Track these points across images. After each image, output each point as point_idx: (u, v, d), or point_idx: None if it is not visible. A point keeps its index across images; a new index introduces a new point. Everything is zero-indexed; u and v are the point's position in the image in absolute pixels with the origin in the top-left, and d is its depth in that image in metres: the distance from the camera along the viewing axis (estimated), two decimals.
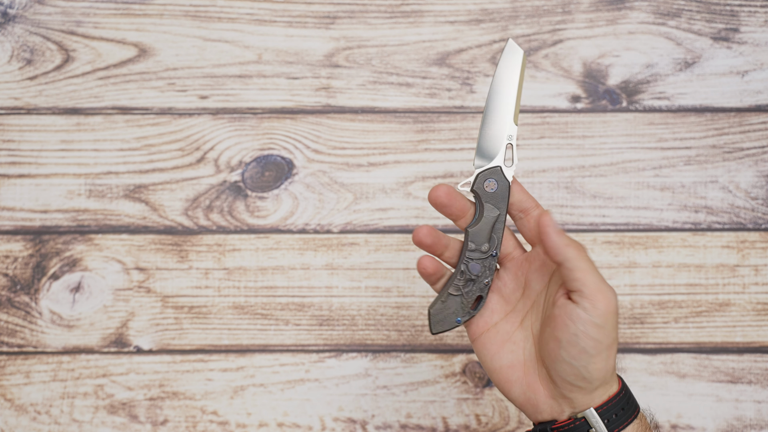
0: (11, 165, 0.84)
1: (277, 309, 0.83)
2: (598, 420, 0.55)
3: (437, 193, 0.59)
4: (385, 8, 0.84)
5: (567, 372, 0.55)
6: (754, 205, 0.83)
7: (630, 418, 0.56)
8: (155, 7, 0.84)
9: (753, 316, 0.83)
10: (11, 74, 0.84)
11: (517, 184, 0.60)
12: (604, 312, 0.54)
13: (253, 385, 0.83)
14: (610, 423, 0.56)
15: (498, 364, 0.59)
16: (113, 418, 0.82)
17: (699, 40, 0.84)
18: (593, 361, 0.54)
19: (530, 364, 0.59)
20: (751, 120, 0.83)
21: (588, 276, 0.54)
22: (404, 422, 0.82)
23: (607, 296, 0.54)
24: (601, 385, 0.56)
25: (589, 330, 0.54)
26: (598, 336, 0.54)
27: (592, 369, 0.54)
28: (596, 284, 0.54)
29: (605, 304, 0.54)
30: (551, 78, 0.83)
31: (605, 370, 0.55)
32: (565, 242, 0.55)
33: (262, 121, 0.84)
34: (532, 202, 0.60)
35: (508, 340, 0.59)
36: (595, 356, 0.54)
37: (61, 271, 0.83)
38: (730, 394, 0.82)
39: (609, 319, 0.54)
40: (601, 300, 0.54)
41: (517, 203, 0.60)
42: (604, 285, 0.55)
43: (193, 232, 0.84)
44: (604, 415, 0.56)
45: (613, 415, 0.56)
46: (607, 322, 0.54)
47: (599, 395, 0.56)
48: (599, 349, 0.54)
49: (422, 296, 0.83)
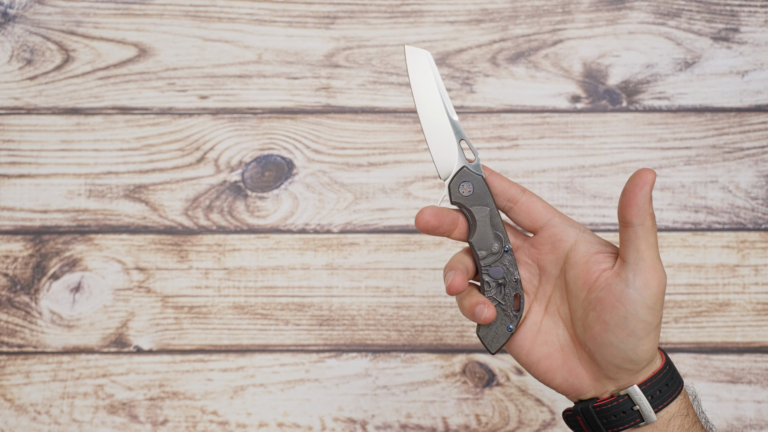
0: (11, 165, 0.84)
1: (277, 309, 0.83)
2: (641, 397, 0.54)
3: (424, 218, 0.56)
4: (385, 8, 0.84)
5: (614, 355, 0.54)
6: (754, 205, 0.83)
7: (674, 393, 0.55)
8: (155, 7, 0.84)
9: (753, 316, 0.83)
10: (11, 74, 0.84)
11: (495, 174, 0.58)
12: (656, 292, 0.52)
13: (253, 385, 0.83)
14: (654, 399, 0.54)
15: (535, 357, 0.57)
16: (113, 418, 0.82)
17: (699, 40, 0.84)
18: (642, 343, 0.53)
19: (568, 350, 0.57)
20: (751, 120, 0.83)
21: (650, 251, 0.52)
22: (404, 422, 0.82)
23: (660, 276, 0.52)
24: (647, 365, 0.55)
25: (639, 311, 0.52)
26: (648, 317, 0.52)
27: (640, 351, 0.53)
28: (653, 261, 0.52)
29: (658, 284, 0.52)
30: (551, 78, 0.83)
31: (652, 351, 0.54)
32: (648, 210, 0.53)
33: (262, 121, 0.84)
34: (516, 188, 0.58)
35: (538, 331, 0.58)
36: (644, 338, 0.53)
37: (61, 271, 0.83)
38: (730, 394, 0.82)
39: (659, 299, 0.52)
40: (654, 279, 0.52)
41: (501, 193, 0.58)
42: (659, 264, 0.53)
43: (193, 232, 0.84)
44: (647, 391, 0.54)
45: (657, 391, 0.54)
46: (657, 303, 0.52)
47: (643, 372, 0.55)
48: (648, 331, 0.53)
49: (422, 296, 0.83)
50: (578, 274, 0.56)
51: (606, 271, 0.55)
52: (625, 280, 0.53)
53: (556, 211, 0.57)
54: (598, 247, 0.56)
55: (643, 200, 0.52)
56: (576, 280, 0.56)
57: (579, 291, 0.56)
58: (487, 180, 0.58)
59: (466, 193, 0.57)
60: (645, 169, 0.53)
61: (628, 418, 0.55)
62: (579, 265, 0.56)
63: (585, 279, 0.55)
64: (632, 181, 0.53)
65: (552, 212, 0.57)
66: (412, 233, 0.83)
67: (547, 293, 0.58)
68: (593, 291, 0.55)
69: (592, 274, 0.55)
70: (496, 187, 0.58)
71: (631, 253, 0.53)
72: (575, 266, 0.56)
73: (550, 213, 0.57)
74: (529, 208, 0.57)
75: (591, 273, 0.55)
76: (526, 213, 0.57)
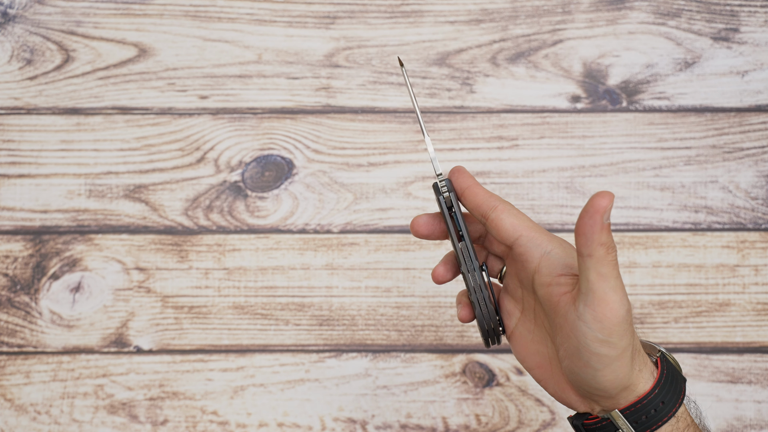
0: (11, 165, 0.84)
1: (277, 309, 0.83)
2: (624, 422, 0.52)
3: (416, 228, 0.56)
4: (385, 8, 0.84)
5: (578, 381, 0.52)
6: (754, 205, 0.83)
7: (664, 419, 0.52)
8: (155, 7, 0.84)
9: (753, 316, 0.83)
10: (11, 74, 0.84)
11: (472, 187, 0.56)
12: (608, 326, 0.49)
13: (253, 385, 0.83)
14: (640, 425, 0.52)
15: (529, 364, 0.57)
16: (113, 418, 0.82)
17: (699, 40, 0.84)
18: (600, 375, 0.50)
19: (555, 363, 0.56)
20: (751, 120, 0.83)
21: (601, 283, 0.49)
22: (404, 422, 0.82)
23: (613, 308, 0.49)
24: (622, 391, 0.52)
25: (591, 345, 0.50)
26: (601, 350, 0.50)
27: (601, 381, 0.51)
28: (604, 294, 0.49)
29: (611, 317, 0.49)
30: (551, 78, 0.83)
31: (618, 380, 0.51)
32: (599, 240, 0.49)
33: (262, 121, 0.84)
34: (491, 202, 0.55)
35: (532, 339, 0.57)
36: (602, 369, 0.50)
37: (61, 271, 0.83)
38: (730, 394, 0.82)
39: (614, 332, 0.49)
40: (605, 312, 0.49)
41: (475, 209, 0.55)
42: (614, 295, 0.49)
43: (193, 232, 0.84)
44: (630, 416, 0.52)
45: (643, 416, 0.52)
46: (612, 335, 0.49)
47: (624, 399, 0.52)
48: (605, 363, 0.50)
49: (422, 296, 0.83)
50: (544, 296, 0.54)
51: (565, 295, 0.52)
52: (576, 311, 0.50)
53: (527, 226, 0.55)
54: (561, 269, 0.53)
55: (592, 230, 0.49)
56: (544, 302, 0.54)
57: (549, 311, 0.54)
58: (461, 196, 0.56)
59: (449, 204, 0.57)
60: (600, 194, 0.49)
61: None
62: (543, 287, 0.54)
63: (550, 302, 0.54)
64: (585, 208, 0.49)
65: (520, 230, 0.54)
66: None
67: (531, 305, 0.57)
68: (557, 315, 0.53)
69: (554, 298, 0.53)
70: (470, 204, 0.56)
71: (583, 284, 0.50)
72: (541, 287, 0.54)
73: (518, 231, 0.54)
74: (498, 226, 0.55)
75: (553, 296, 0.53)
76: (496, 231, 0.55)
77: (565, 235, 0.83)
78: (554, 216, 0.83)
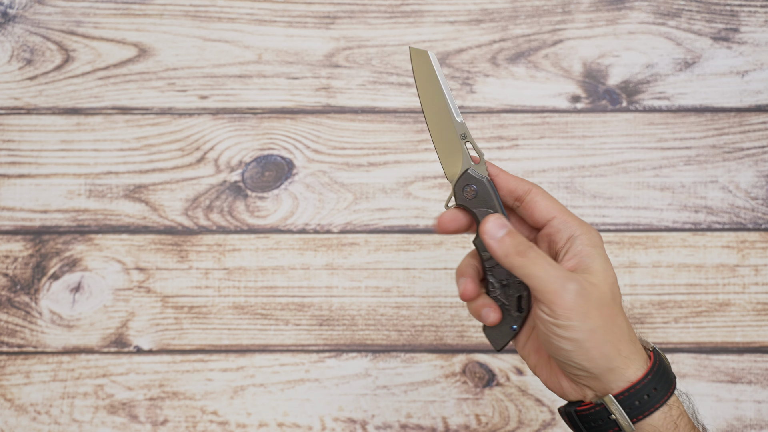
0: (11, 165, 0.84)
1: (277, 309, 0.83)
2: (617, 407, 0.53)
3: (442, 225, 0.58)
4: (385, 8, 0.84)
5: (561, 365, 0.55)
6: (754, 205, 0.83)
7: (656, 405, 0.54)
8: (155, 7, 0.84)
9: (753, 316, 0.83)
10: (11, 74, 0.84)
11: (503, 173, 0.58)
12: (563, 312, 0.52)
13: (253, 385, 0.83)
14: (633, 410, 0.53)
15: (527, 351, 0.59)
16: (113, 418, 0.82)
17: (699, 40, 0.84)
18: (575, 355, 0.53)
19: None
20: (751, 120, 0.83)
21: (534, 282, 0.53)
22: (404, 422, 0.82)
23: (561, 296, 0.52)
24: (608, 373, 0.53)
25: (556, 330, 0.52)
26: (567, 333, 0.52)
27: (579, 361, 0.53)
28: (545, 287, 0.52)
29: (561, 305, 0.52)
30: (551, 78, 0.83)
31: (596, 359, 0.53)
32: (504, 252, 0.54)
33: (262, 121, 0.84)
34: (524, 187, 0.57)
35: (535, 326, 0.59)
36: (575, 351, 0.52)
37: (61, 271, 0.83)
38: (730, 394, 0.82)
39: (573, 314, 0.52)
40: (554, 302, 0.52)
41: (509, 194, 0.58)
42: (555, 284, 0.52)
43: (193, 232, 0.84)
44: (624, 402, 0.53)
45: (636, 401, 0.53)
46: (572, 318, 0.52)
47: (614, 383, 0.54)
48: (575, 345, 0.52)
49: (422, 296, 0.83)
50: None
51: None
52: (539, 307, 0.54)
53: (560, 209, 0.57)
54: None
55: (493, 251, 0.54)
56: None
57: None
58: (493, 180, 0.58)
59: (470, 196, 0.57)
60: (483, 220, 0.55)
61: (606, 426, 0.55)
62: None
63: None
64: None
65: (553, 212, 0.57)
66: (412, 233, 0.83)
67: None
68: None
69: None
70: (503, 188, 0.58)
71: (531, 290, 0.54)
72: None
73: (552, 212, 0.57)
74: (533, 208, 0.57)
75: None
76: (530, 213, 0.57)
77: None
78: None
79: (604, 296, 0.53)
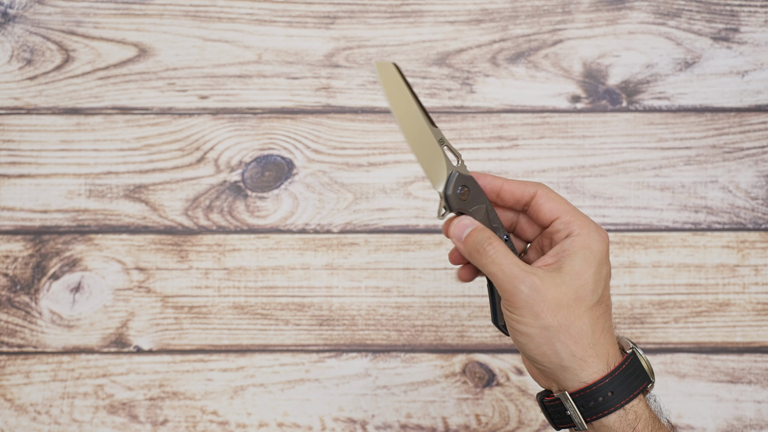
0: (11, 165, 0.84)
1: (277, 309, 0.83)
2: (571, 404, 0.55)
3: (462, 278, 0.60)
4: (385, 8, 0.84)
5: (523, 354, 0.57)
6: (754, 205, 0.83)
7: (610, 408, 0.55)
8: (155, 7, 0.84)
9: (753, 316, 0.83)
10: (11, 74, 0.84)
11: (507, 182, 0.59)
12: (518, 308, 0.54)
13: (253, 385, 0.83)
14: (587, 410, 0.55)
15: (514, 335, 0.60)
16: (113, 418, 0.82)
17: (699, 40, 0.84)
18: (529, 349, 0.55)
19: None
20: (751, 120, 0.83)
21: (494, 278, 0.55)
22: (404, 422, 0.82)
23: (514, 293, 0.54)
24: (562, 371, 0.55)
25: (511, 324, 0.55)
26: (520, 328, 0.55)
27: (533, 355, 0.55)
28: (501, 284, 0.55)
29: (514, 302, 0.54)
30: (551, 78, 0.83)
31: (549, 356, 0.55)
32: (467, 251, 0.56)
33: (262, 121, 0.84)
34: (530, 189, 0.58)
35: None
36: (527, 345, 0.55)
37: (61, 271, 0.83)
38: (730, 394, 0.82)
39: (524, 313, 0.54)
40: (509, 299, 0.55)
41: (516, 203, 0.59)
42: (511, 283, 0.55)
43: (193, 232, 0.84)
44: (579, 401, 0.55)
45: (590, 402, 0.55)
46: (524, 316, 0.54)
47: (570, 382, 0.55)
48: (528, 339, 0.55)
49: (422, 296, 0.83)
50: None
51: None
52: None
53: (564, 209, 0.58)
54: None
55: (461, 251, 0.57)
56: None
57: None
58: (500, 192, 0.59)
59: (465, 198, 0.58)
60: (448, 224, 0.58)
61: (564, 420, 0.57)
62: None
63: None
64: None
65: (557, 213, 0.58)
66: (412, 233, 0.83)
67: None
68: None
69: None
70: (508, 200, 0.59)
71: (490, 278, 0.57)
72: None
73: (555, 214, 0.58)
74: (537, 211, 0.58)
75: None
76: (536, 216, 0.59)
77: None
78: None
79: (562, 297, 0.55)
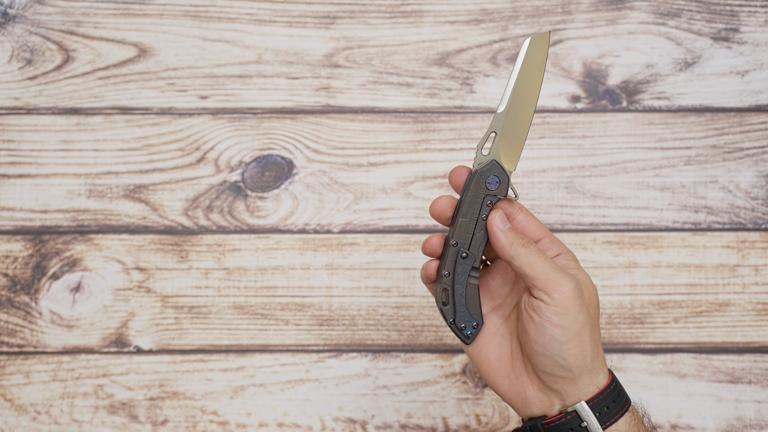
0: (11, 165, 0.84)
1: (277, 309, 0.83)
2: (589, 413, 0.55)
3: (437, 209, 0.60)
4: (385, 8, 0.84)
5: (545, 363, 0.56)
6: (754, 205, 0.83)
7: (621, 410, 0.56)
8: (155, 7, 0.84)
9: (753, 316, 0.83)
10: (11, 74, 0.84)
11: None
12: (562, 300, 0.55)
13: (253, 385, 0.83)
14: (602, 416, 0.55)
15: (485, 357, 0.60)
16: (113, 418, 0.82)
17: (699, 40, 0.84)
18: (565, 348, 0.55)
19: (517, 357, 0.59)
20: (751, 120, 0.83)
21: (536, 270, 0.56)
22: (404, 422, 0.82)
23: (561, 284, 0.55)
24: (586, 374, 0.56)
25: (552, 318, 0.55)
26: (562, 322, 0.55)
27: (567, 356, 0.55)
28: (546, 275, 0.55)
29: (560, 292, 0.55)
30: (551, 78, 0.83)
31: (582, 356, 0.55)
32: (510, 241, 0.57)
33: (262, 121, 0.84)
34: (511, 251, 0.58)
35: (495, 333, 0.60)
36: (566, 342, 0.55)
37: (61, 271, 0.83)
38: (730, 394, 0.82)
39: (570, 304, 0.55)
40: (555, 289, 0.55)
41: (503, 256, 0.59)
42: (557, 274, 0.55)
43: (193, 232, 0.84)
44: (595, 407, 0.55)
45: (605, 407, 0.56)
46: (569, 308, 0.55)
47: (586, 387, 0.56)
48: (568, 335, 0.55)
49: (422, 296, 0.83)
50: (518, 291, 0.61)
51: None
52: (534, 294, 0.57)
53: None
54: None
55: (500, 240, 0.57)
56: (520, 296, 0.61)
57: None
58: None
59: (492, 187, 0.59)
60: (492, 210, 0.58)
61: None
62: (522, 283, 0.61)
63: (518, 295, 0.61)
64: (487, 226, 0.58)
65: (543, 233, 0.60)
66: (412, 233, 0.83)
67: (513, 303, 0.61)
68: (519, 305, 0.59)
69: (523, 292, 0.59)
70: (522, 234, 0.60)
71: (526, 280, 0.57)
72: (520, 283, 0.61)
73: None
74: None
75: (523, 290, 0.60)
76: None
77: (564, 235, 0.83)
78: (554, 216, 0.83)
79: (591, 301, 0.57)
